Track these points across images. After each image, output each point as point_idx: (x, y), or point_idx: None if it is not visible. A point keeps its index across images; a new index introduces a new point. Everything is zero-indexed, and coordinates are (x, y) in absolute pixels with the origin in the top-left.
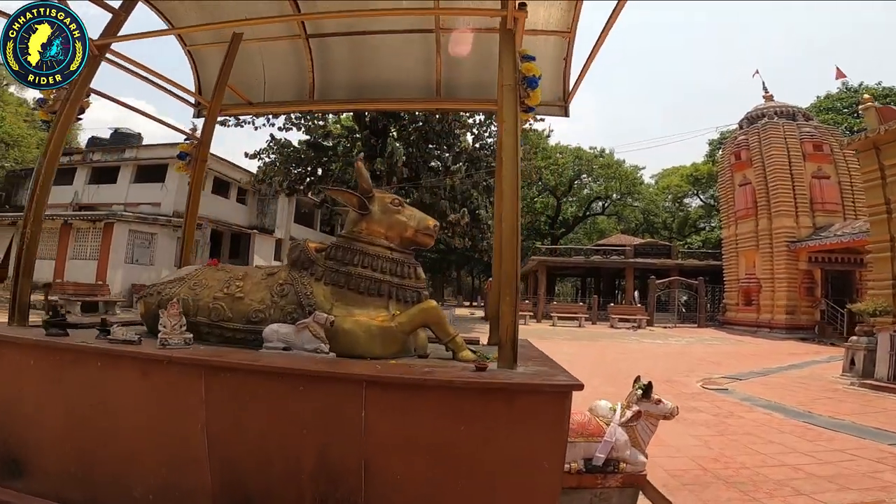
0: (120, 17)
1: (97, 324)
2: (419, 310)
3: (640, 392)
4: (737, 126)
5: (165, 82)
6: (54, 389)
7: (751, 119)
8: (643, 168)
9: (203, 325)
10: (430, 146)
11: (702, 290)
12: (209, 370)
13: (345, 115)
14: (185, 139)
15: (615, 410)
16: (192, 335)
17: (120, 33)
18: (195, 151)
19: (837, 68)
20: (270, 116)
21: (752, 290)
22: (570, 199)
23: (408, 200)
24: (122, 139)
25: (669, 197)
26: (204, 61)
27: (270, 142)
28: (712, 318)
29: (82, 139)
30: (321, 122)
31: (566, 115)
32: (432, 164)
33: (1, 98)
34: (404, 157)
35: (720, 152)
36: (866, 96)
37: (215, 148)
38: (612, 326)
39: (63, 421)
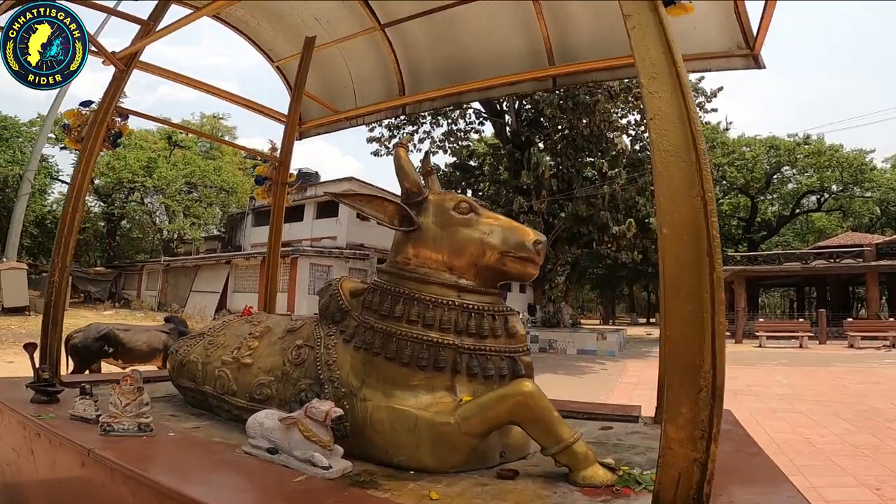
0: (149, 26)
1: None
2: (499, 397)
3: None
4: None
5: (237, 100)
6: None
7: None
8: (872, 151)
9: (211, 396)
10: (582, 153)
11: None
12: (134, 481)
13: (488, 133)
14: (263, 161)
15: None
16: (149, 420)
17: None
18: (275, 174)
19: None
20: (416, 142)
21: None
22: (770, 197)
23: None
24: (306, 178)
25: None
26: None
27: (419, 168)
28: None
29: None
30: (465, 143)
31: (757, 65)
32: (586, 173)
33: (220, 150)
34: (552, 168)
35: None
36: None
37: (376, 177)
38: (851, 346)
39: None
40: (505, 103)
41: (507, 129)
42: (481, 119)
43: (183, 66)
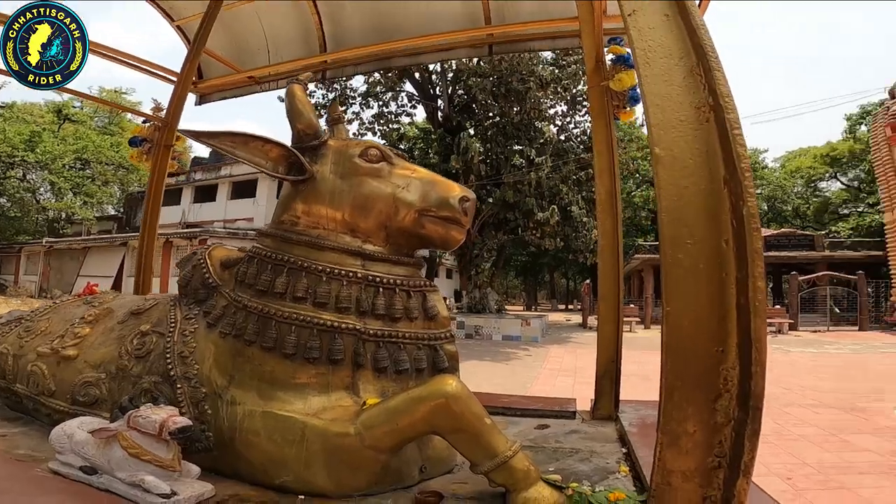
0: None
1: None
2: (415, 401)
3: None
4: (887, 96)
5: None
6: None
7: None
8: (765, 151)
9: (25, 397)
10: (511, 141)
11: (863, 286)
12: None
13: (420, 118)
14: (143, 121)
15: None
16: None
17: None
18: (158, 136)
19: None
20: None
21: None
22: None
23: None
24: (219, 157)
25: (800, 181)
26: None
27: (326, 118)
28: (877, 320)
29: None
30: (396, 126)
31: None
32: (514, 161)
33: (119, 125)
34: (482, 154)
35: (865, 127)
36: None
37: None
38: None
39: None
40: (438, 87)
41: (440, 113)
42: (413, 103)
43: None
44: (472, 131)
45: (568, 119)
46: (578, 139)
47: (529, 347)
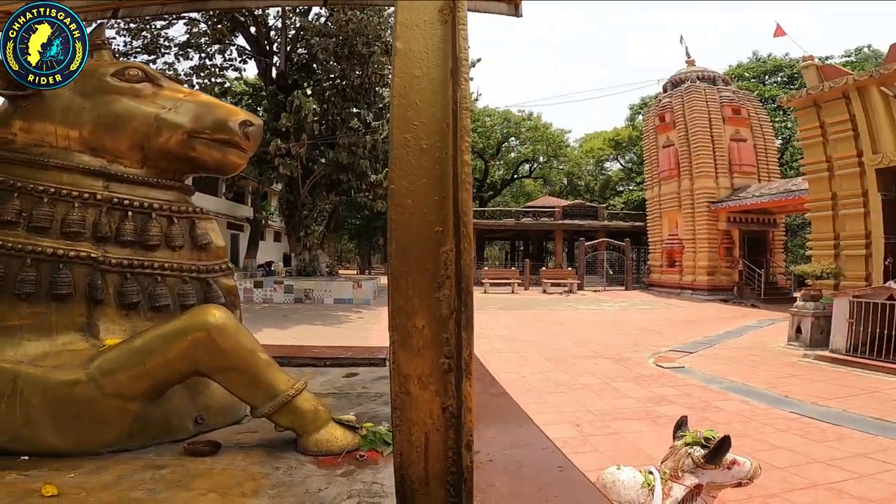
0: None
1: None
2: (168, 336)
3: (699, 452)
4: (660, 90)
5: None
6: None
7: (675, 83)
8: (569, 132)
9: None
10: (350, 104)
11: (628, 251)
12: None
13: (253, 74)
14: None
15: (651, 486)
16: None
17: None
18: None
19: (778, 25)
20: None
21: (676, 252)
22: (499, 163)
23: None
24: None
25: (592, 160)
26: None
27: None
28: (638, 281)
29: None
30: (220, 80)
31: (517, 13)
32: (352, 123)
33: None
34: (317, 113)
35: (642, 116)
36: (807, 54)
37: None
38: (544, 292)
39: None
40: (276, 44)
41: (274, 70)
42: (244, 57)
43: None
44: (308, 91)
45: None
46: None
47: (362, 310)
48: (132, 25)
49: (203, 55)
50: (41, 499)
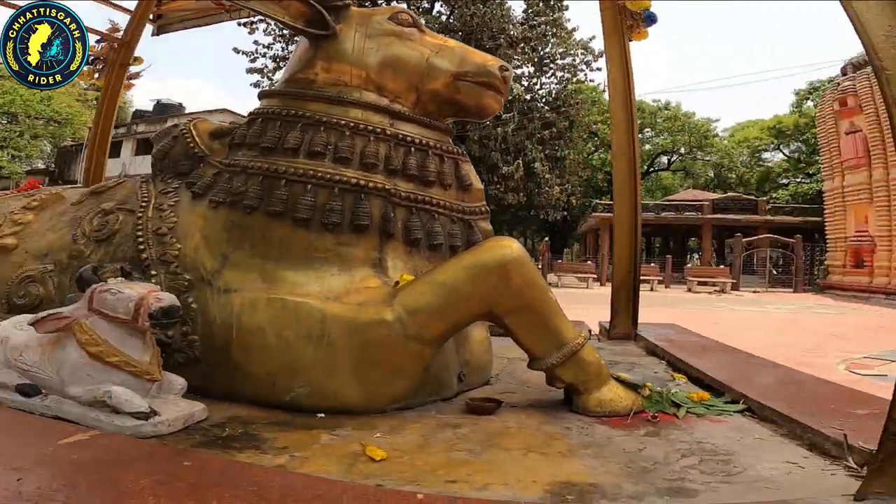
0: None
1: None
2: (468, 268)
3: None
4: (839, 73)
5: None
6: None
7: (856, 66)
8: (717, 120)
9: None
10: None
11: (799, 249)
12: None
13: None
14: (98, 40)
15: None
16: None
17: None
18: (113, 55)
19: None
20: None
21: (865, 250)
22: None
23: None
24: (164, 110)
25: (746, 151)
26: None
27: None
28: (811, 283)
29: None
30: None
31: None
32: None
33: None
34: None
35: (810, 102)
36: None
37: None
38: (689, 290)
39: None
40: None
41: None
42: None
43: None
44: None
45: (534, 80)
46: (544, 100)
47: None
48: None
49: None
50: (371, 463)
